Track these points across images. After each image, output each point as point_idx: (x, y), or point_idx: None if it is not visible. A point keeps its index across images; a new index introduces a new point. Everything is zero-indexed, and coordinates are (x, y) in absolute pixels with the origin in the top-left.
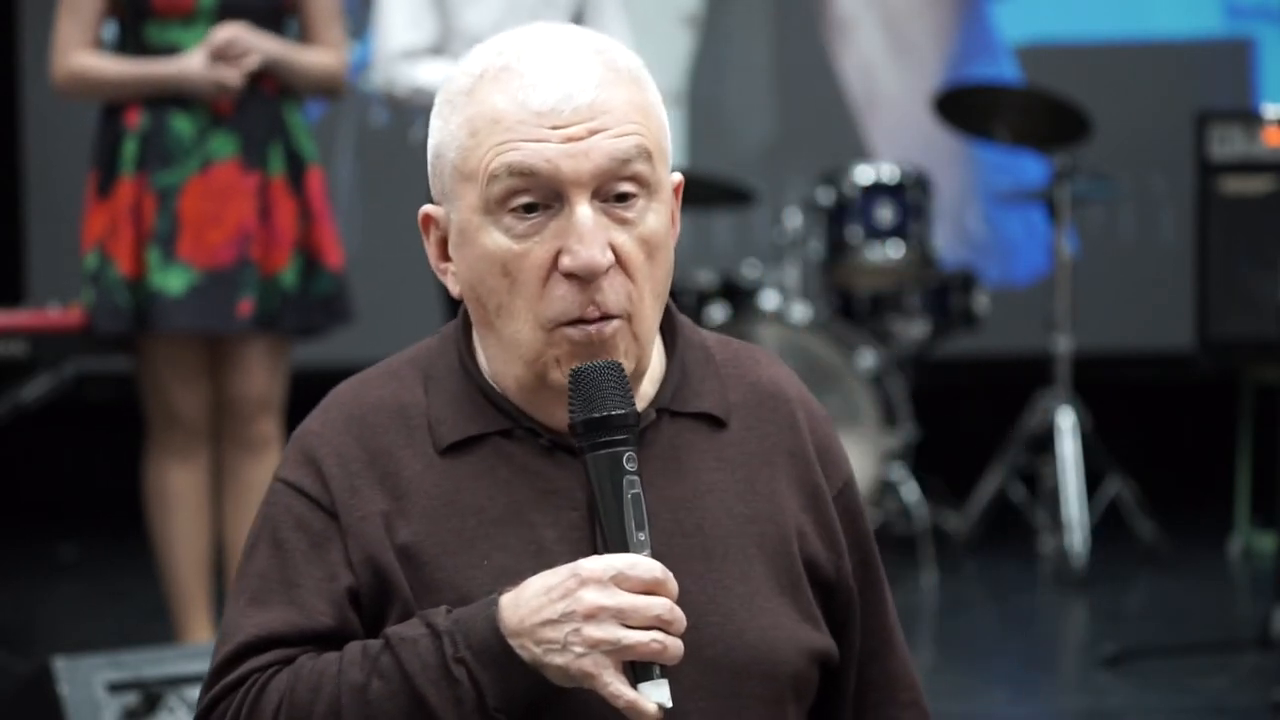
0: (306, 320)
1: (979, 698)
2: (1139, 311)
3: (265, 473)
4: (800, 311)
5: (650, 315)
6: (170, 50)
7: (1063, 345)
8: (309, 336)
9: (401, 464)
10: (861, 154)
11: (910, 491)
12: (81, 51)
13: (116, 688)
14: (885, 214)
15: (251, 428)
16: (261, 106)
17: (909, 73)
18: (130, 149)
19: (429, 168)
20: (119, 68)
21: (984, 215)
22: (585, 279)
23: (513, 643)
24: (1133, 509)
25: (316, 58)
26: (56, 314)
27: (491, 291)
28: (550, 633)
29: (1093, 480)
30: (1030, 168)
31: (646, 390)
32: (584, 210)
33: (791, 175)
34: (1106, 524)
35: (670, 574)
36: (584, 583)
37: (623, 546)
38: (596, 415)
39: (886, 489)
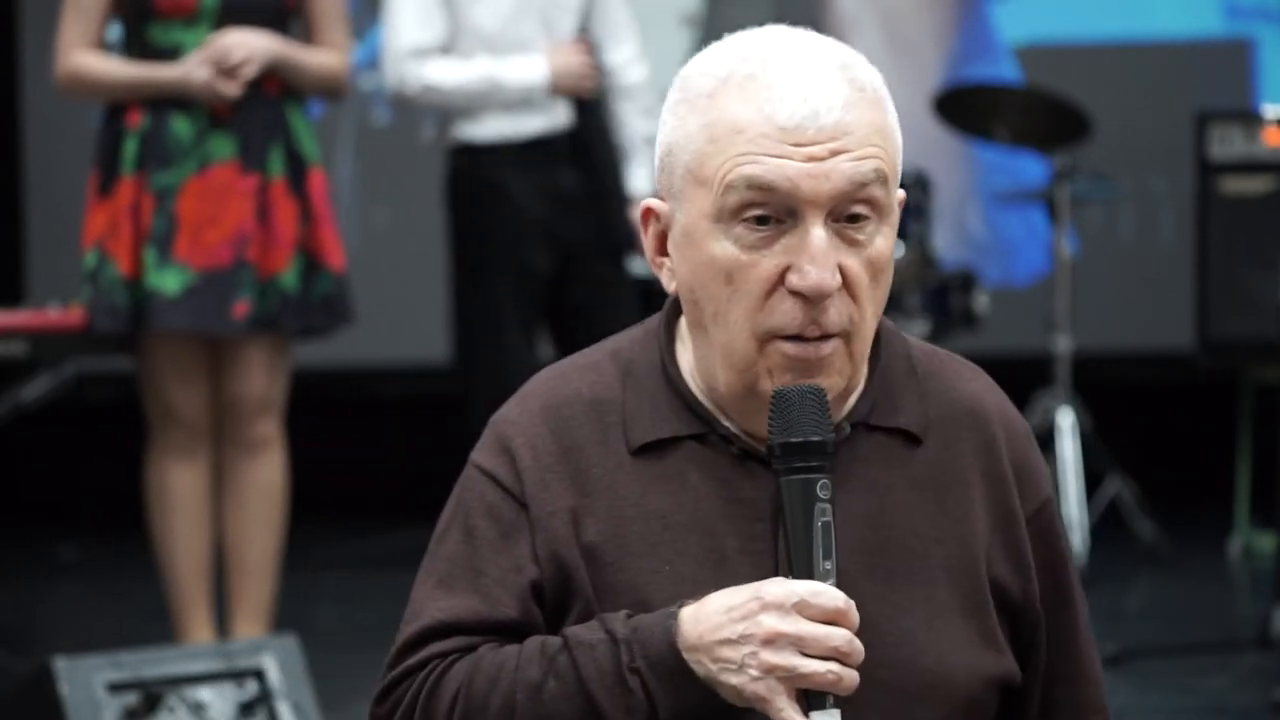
0: (307, 321)
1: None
2: (1139, 311)
3: (265, 474)
4: None
5: (868, 335)
6: (173, 50)
7: (1062, 345)
8: (310, 337)
9: (593, 460)
10: None
11: None
12: (84, 51)
13: (116, 688)
14: None
15: (252, 429)
16: (263, 107)
17: (909, 73)
18: (131, 148)
19: (657, 162)
20: (120, 70)
21: (984, 215)
22: (812, 299)
23: (689, 657)
24: (1133, 509)
25: (320, 59)
26: (56, 314)
27: (711, 297)
28: (727, 652)
29: (1093, 480)
30: (1030, 168)
31: (846, 402)
32: (818, 232)
33: None
34: (1106, 524)
35: (853, 605)
36: (766, 606)
37: (808, 574)
38: (795, 440)
39: None
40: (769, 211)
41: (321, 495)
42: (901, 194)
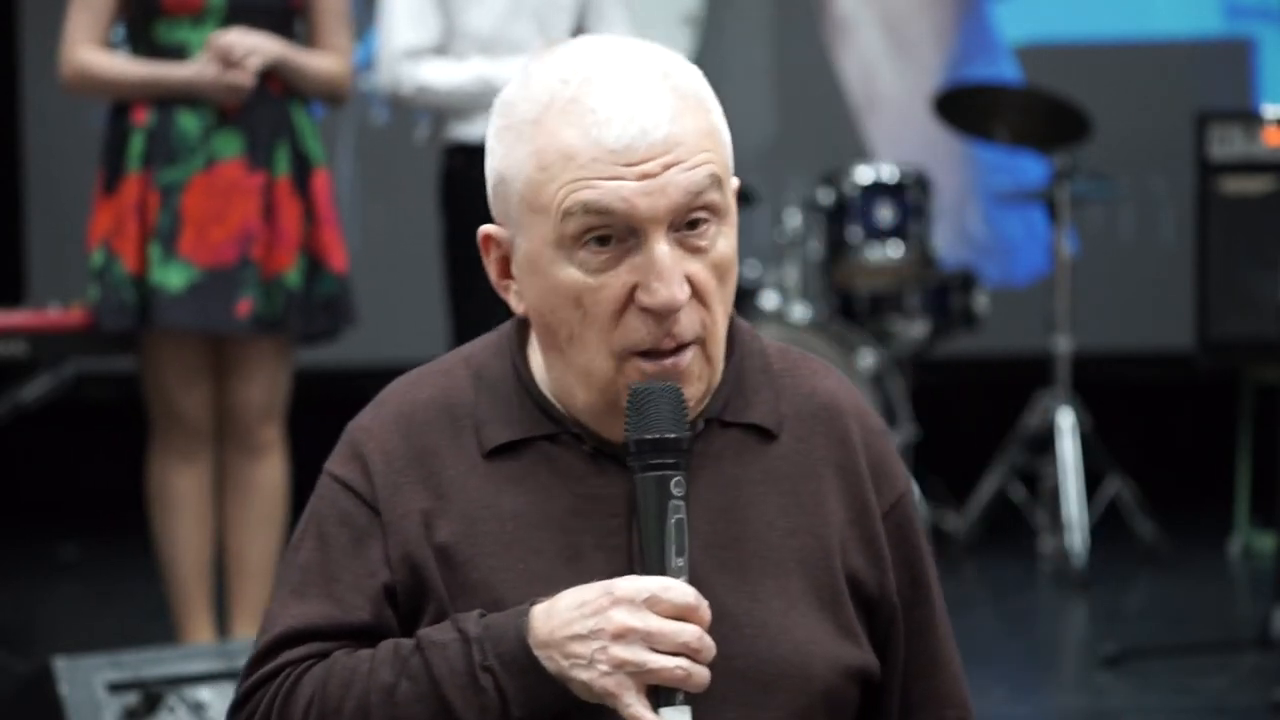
0: (310, 322)
1: (979, 698)
2: (1139, 311)
3: (267, 476)
4: (800, 311)
5: (722, 336)
6: (179, 49)
7: (1062, 345)
8: (314, 341)
9: (446, 463)
10: (861, 154)
11: None
12: (90, 48)
13: (116, 688)
14: (885, 214)
15: (254, 433)
16: (268, 107)
17: (909, 73)
18: (137, 146)
19: (490, 190)
20: (129, 68)
21: (984, 215)
22: (663, 315)
23: (540, 654)
24: (1133, 509)
25: (322, 62)
26: (56, 314)
27: (563, 321)
28: (578, 647)
29: (1093, 480)
30: (1030, 168)
31: (701, 398)
32: (662, 248)
33: (791, 175)
34: (1106, 524)
35: (704, 602)
36: (616, 602)
37: (660, 570)
38: (650, 437)
39: None
40: (610, 232)
41: None
42: (736, 183)
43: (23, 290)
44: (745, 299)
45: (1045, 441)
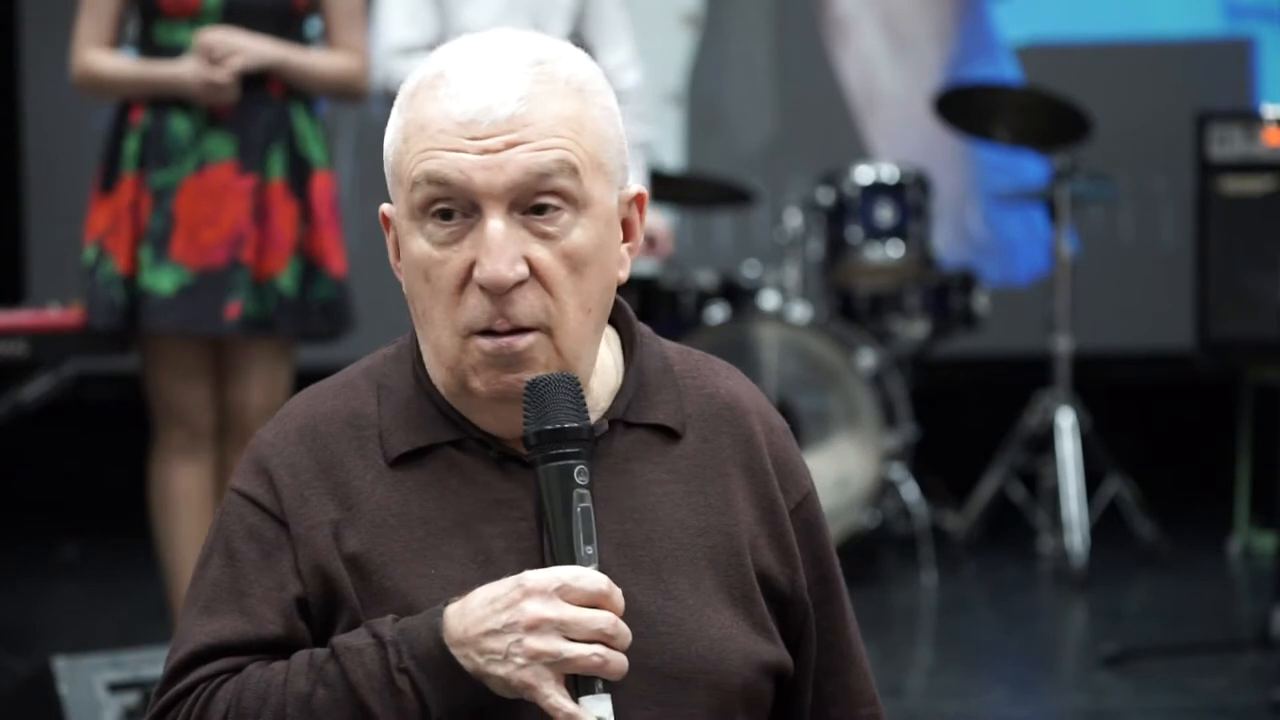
0: (304, 325)
1: (979, 698)
2: (1139, 311)
3: None
4: (800, 311)
5: (576, 329)
6: (177, 49)
7: (1063, 345)
8: (311, 341)
9: (352, 474)
10: (861, 154)
11: (910, 491)
12: (96, 49)
13: (116, 688)
14: (885, 214)
15: (254, 434)
16: (265, 109)
17: (909, 73)
18: (132, 146)
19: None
20: (126, 68)
21: (984, 215)
22: (494, 292)
23: (456, 652)
24: (1133, 509)
25: (328, 60)
26: (56, 314)
27: (418, 296)
28: (493, 643)
29: (1093, 480)
30: (1030, 168)
31: (601, 401)
32: (494, 224)
33: (791, 175)
34: (1106, 524)
35: (616, 588)
36: (528, 594)
37: (570, 560)
38: (549, 427)
39: (886, 489)
40: (452, 206)
41: None
42: (637, 189)
43: (23, 290)
44: (745, 299)
45: (1045, 441)
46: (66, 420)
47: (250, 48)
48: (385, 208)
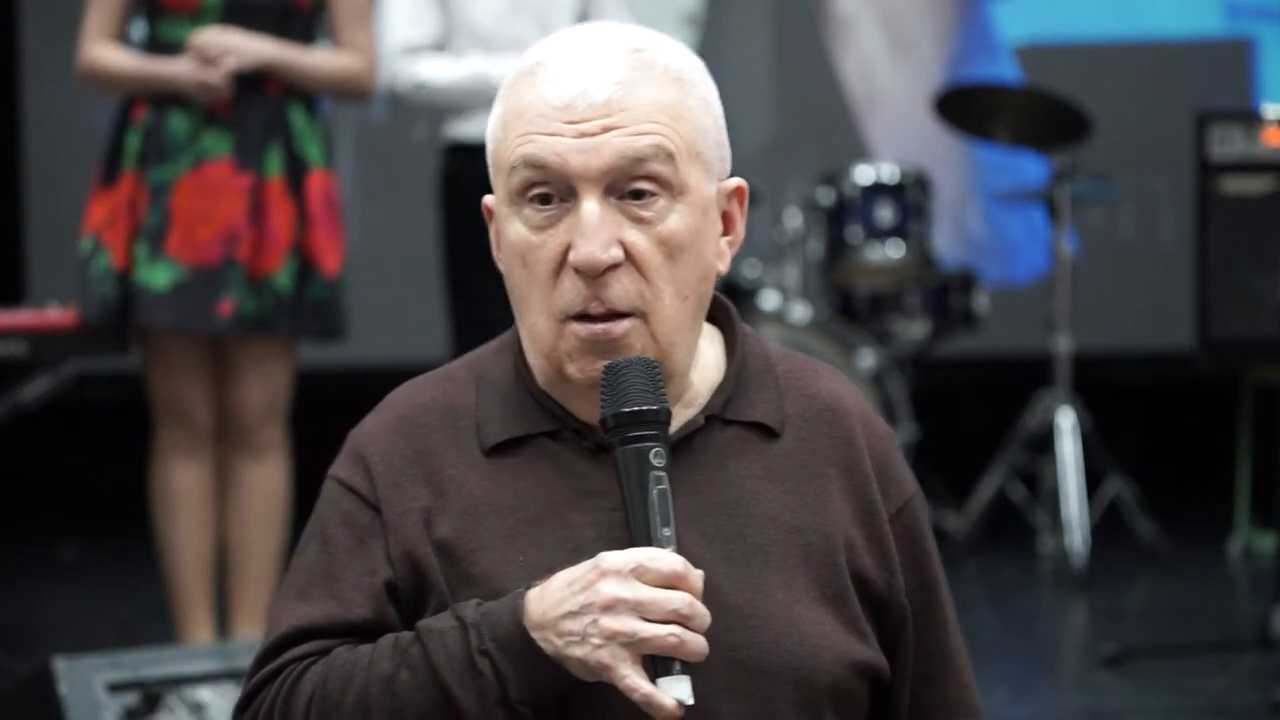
0: (300, 324)
1: (979, 697)
2: (1139, 311)
3: (268, 477)
4: (800, 311)
5: (673, 315)
6: (180, 47)
7: (1063, 345)
8: (305, 338)
9: (446, 462)
10: (861, 154)
11: None
12: (102, 43)
13: (116, 688)
14: (885, 214)
15: (255, 433)
16: (262, 107)
17: (909, 73)
18: (133, 143)
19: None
20: (128, 64)
21: (984, 215)
22: (588, 274)
23: (535, 635)
24: (1133, 509)
25: (330, 60)
26: (56, 314)
27: (516, 283)
28: (570, 625)
29: (1093, 480)
30: (1030, 168)
31: (701, 396)
32: (589, 206)
33: (791, 175)
34: (1106, 524)
35: (693, 569)
36: (604, 575)
37: (647, 541)
38: (625, 410)
39: None
40: (550, 190)
41: None
42: (737, 182)
43: (23, 290)
44: (745, 299)
45: (1045, 441)
46: (66, 420)
47: (245, 48)
48: (489, 200)
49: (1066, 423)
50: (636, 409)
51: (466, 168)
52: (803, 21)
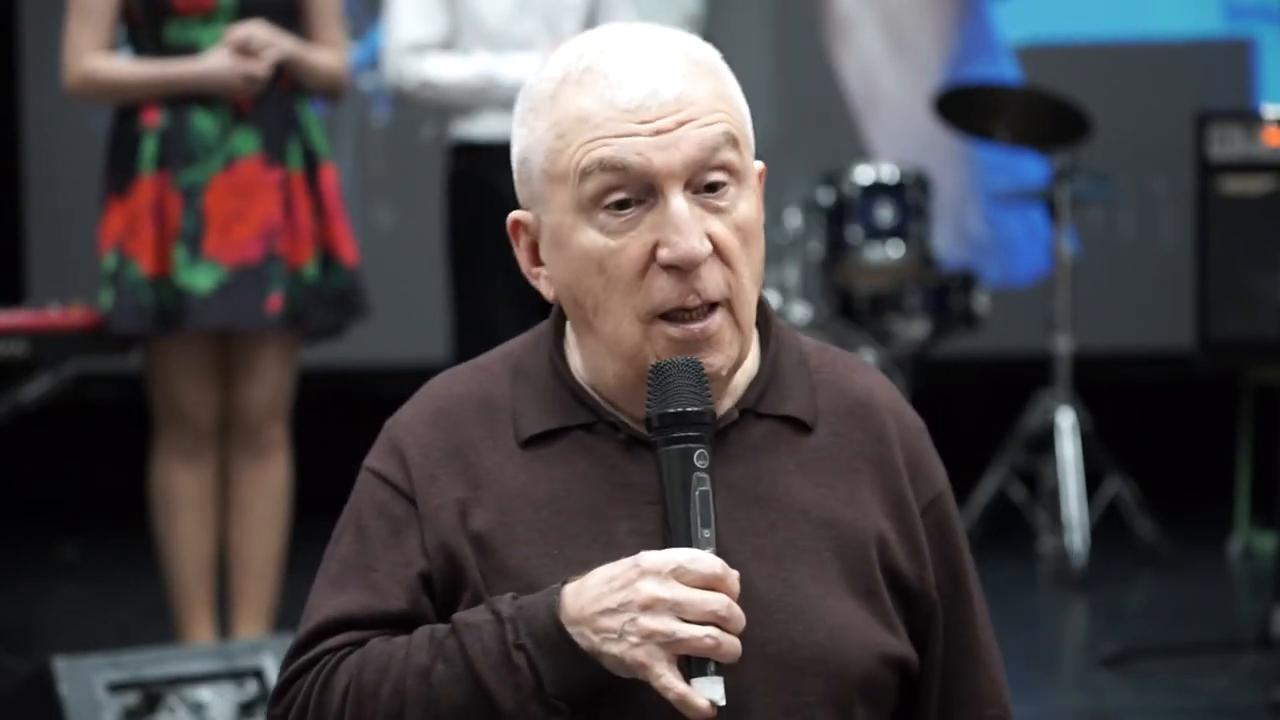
0: (326, 315)
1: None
2: (1139, 311)
3: (270, 475)
4: (800, 311)
5: (750, 301)
6: (190, 49)
7: (1063, 345)
8: (330, 335)
9: (482, 454)
10: (861, 154)
11: None
12: (95, 54)
13: (116, 688)
14: (885, 214)
15: (260, 433)
16: (278, 103)
17: (909, 73)
18: (150, 148)
19: (515, 175)
20: (137, 70)
21: (984, 215)
22: (686, 269)
23: (572, 630)
24: (1133, 509)
25: (325, 58)
26: (56, 314)
27: (589, 290)
28: (608, 621)
29: (1093, 480)
30: (1030, 168)
31: (737, 388)
32: (679, 201)
33: (791, 175)
34: (1106, 524)
35: (731, 571)
36: (643, 574)
37: (687, 542)
38: (671, 410)
39: None
40: (628, 194)
41: (322, 496)
42: (760, 165)
43: (23, 290)
44: None
45: (1045, 441)
46: (66, 421)
47: (280, 41)
48: (518, 215)
49: (1066, 423)
50: (683, 410)
51: (472, 167)
52: (803, 21)
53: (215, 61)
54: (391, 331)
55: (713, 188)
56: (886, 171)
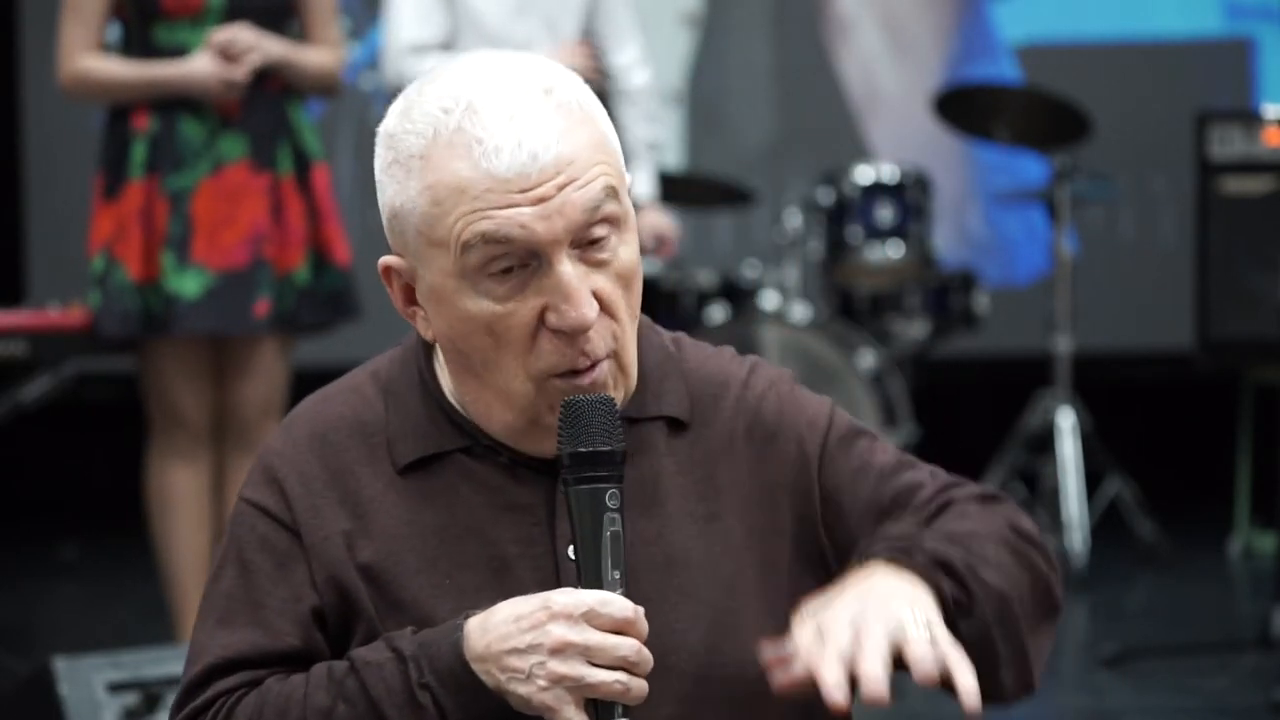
0: (319, 316)
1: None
2: (1139, 311)
3: None
4: (800, 311)
5: (632, 341)
6: (178, 51)
7: (1063, 345)
8: (320, 332)
9: (362, 482)
10: (861, 154)
11: None
12: (87, 54)
13: (116, 688)
14: (885, 214)
15: (254, 432)
16: (267, 106)
17: (909, 73)
18: (139, 152)
19: (385, 223)
20: (125, 70)
21: (984, 215)
22: (575, 336)
23: (477, 668)
24: (1133, 509)
25: (316, 57)
26: (56, 314)
27: (476, 349)
28: (515, 661)
29: (1093, 480)
30: (1030, 168)
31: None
32: (566, 269)
33: (791, 175)
34: (1106, 524)
35: (642, 614)
36: (554, 616)
37: (597, 583)
38: (583, 450)
39: None
40: (512, 261)
41: None
42: (627, 179)
43: (23, 290)
44: (745, 299)
45: (1045, 441)
46: (66, 421)
47: (264, 45)
48: (390, 261)
49: (1066, 423)
50: (595, 449)
51: None
52: (803, 21)
53: (197, 65)
54: (389, 331)
55: (595, 242)
56: (886, 171)
